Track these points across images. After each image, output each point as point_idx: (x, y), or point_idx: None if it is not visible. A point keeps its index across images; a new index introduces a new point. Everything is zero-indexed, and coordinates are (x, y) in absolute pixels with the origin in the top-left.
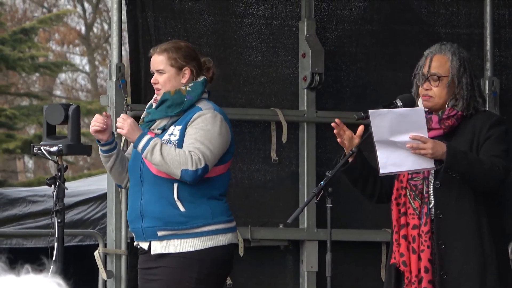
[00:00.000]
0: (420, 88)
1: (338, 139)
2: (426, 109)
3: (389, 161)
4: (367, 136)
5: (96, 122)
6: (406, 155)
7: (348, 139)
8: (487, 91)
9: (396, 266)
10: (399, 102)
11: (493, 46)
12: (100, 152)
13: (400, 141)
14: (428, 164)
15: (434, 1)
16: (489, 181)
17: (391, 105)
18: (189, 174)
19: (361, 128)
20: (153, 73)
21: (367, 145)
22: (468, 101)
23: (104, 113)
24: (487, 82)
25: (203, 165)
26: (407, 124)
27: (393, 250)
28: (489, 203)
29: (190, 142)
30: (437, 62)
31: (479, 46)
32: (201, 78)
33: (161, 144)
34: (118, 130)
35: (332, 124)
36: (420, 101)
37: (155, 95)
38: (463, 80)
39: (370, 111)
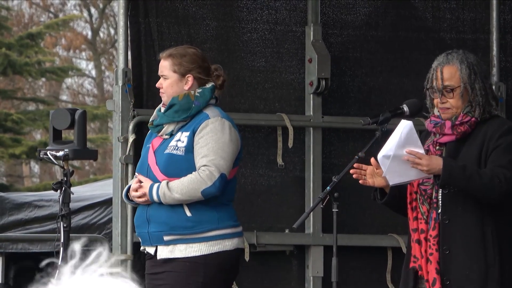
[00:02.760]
0: (436, 101)
1: (360, 181)
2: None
3: (395, 173)
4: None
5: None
6: (408, 167)
7: (370, 174)
8: None
9: (416, 270)
10: (405, 107)
11: (499, 52)
12: (127, 201)
13: (400, 154)
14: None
15: (440, 6)
16: (488, 194)
17: (397, 110)
18: (209, 190)
19: (374, 162)
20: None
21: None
22: (483, 106)
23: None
24: (493, 87)
25: (217, 175)
26: (401, 139)
27: (411, 254)
28: (498, 213)
29: (204, 155)
30: (448, 74)
31: (484, 52)
32: (209, 85)
33: (168, 186)
34: (139, 200)
35: (352, 171)
36: (435, 110)
37: None
38: (476, 86)
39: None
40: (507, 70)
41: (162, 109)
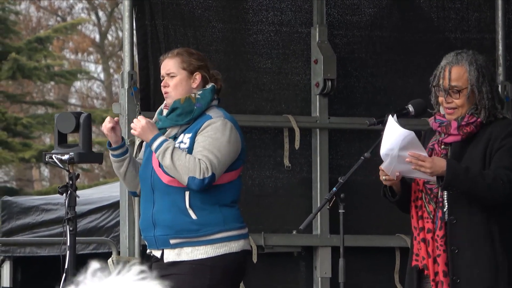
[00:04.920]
0: (442, 99)
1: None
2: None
3: (397, 170)
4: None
5: (107, 121)
6: (410, 168)
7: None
8: None
9: (419, 268)
10: (410, 108)
11: (505, 51)
12: (112, 159)
13: (403, 154)
14: (432, 178)
15: (444, 6)
16: (491, 196)
17: (403, 110)
18: (195, 183)
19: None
20: (163, 78)
21: None
22: (489, 109)
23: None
24: (499, 87)
25: (210, 174)
26: (405, 143)
27: (413, 252)
28: (504, 212)
29: (199, 150)
30: (456, 74)
31: (489, 51)
32: (209, 85)
33: (174, 148)
34: (131, 131)
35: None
36: (441, 109)
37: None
38: (483, 89)
39: (390, 117)
40: None
41: (164, 111)
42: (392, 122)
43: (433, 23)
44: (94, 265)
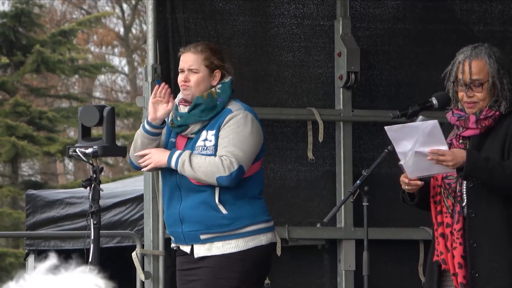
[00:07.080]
0: (462, 94)
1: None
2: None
3: (417, 168)
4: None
5: (154, 92)
6: (432, 163)
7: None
8: None
9: (440, 263)
10: (434, 100)
11: None
12: (143, 134)
13: (423, 151)
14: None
15: None
16: (511, 186)
17: (426, 103)
18: (224, 179)
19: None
20: (181, 70)
21: None
22: (510, 101)
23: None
24: None
25: (236, 167)
26: (425, 136)
27: (435, 247)
28: None
29: (223, 146)
30: (476, 67)
31: None
32: (227, 79)
33: (190, 158)
34: (144, 164)
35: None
36: (459, 104)
37: (179, 96)
38: (504, 81)
39: (386, 127)
40: None
41: (181, 107)
42: (406, 125)
43: (456, 15)
44: (52, 260)
